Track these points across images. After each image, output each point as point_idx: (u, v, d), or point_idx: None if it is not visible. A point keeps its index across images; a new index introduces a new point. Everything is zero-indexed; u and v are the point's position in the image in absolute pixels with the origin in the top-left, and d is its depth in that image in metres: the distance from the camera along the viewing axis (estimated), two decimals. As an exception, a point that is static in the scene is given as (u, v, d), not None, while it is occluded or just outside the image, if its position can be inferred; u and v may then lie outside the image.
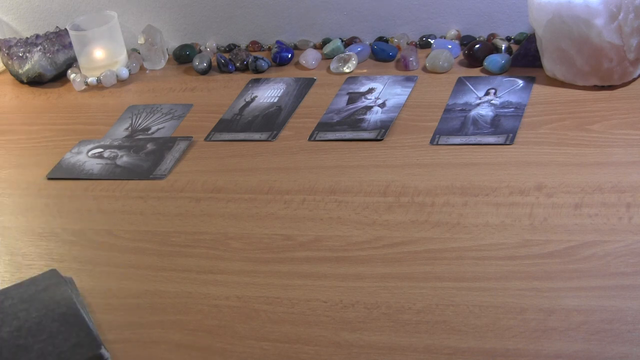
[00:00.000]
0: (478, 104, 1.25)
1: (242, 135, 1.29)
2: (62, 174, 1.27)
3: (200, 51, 1.56)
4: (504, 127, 1.19)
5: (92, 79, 1.51)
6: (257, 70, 1.47)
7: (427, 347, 0.85)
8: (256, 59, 1.47)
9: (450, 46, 1.40)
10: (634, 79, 1.24)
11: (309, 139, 1.25)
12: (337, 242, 1.03)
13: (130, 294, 1.00)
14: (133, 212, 1.15)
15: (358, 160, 1.18)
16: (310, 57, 1.46)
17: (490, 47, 1.37)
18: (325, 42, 1.51)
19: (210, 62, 1.51)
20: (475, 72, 1.35)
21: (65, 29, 1.54)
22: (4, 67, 1.61)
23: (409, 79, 1.36)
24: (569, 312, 0.86)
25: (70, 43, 1.53)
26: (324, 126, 1.27)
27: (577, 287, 0.89)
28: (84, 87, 1.51)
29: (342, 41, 1.49)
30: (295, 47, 1.53)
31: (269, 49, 1.54)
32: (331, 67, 1.43)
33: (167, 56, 1.56)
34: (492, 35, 1.43)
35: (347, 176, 1.14)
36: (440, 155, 1.15)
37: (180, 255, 1.05)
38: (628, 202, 1.00)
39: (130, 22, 1.60)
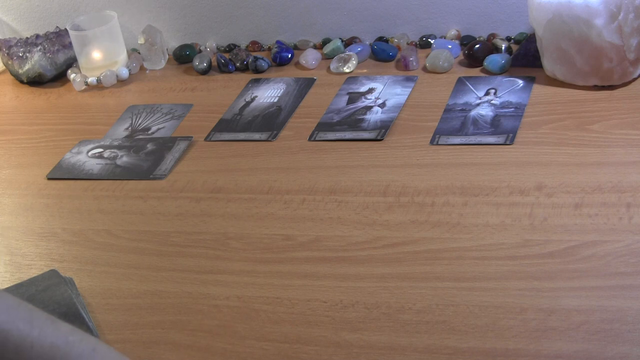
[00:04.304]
0: (478, 104, 1.25)
1: (242, 135, 1.29)
2: (62, 174, 1.27)
3: (200, 51, 1.56)
4: (504, 127, 1.18)
5: (92, 79, 1.50)
6: (257, 70, 1.47)
7: (427, 347, 0.85)
8: (256, 59, 1.47)
9: (450, 46, 1.40)
10: (634, 79, 1.24)
11: (309, 139, 1.25)
12: (337, 242, 1.03)
13: (130, 294, 1.00)
14: (133, 212, 1.15)
15: (358, 160, 1.18)
16: (310, 57, 1.46)
17: (490, 47, 1.37)
18: (325, 42, 1.51)
19: (210, 62, 1.51)
20: (475, 72, 1.35)
21: (65, 29, 1.54)
22: (4, 67, 1.61)
23: (409, 79, 1.36)
24: (569, 312, 0.86)
25: (70, 43, 1.53)
26: (324, 126, 1.27)
27: (577, 287, 0.89)
28: (84, 87, 1.51)
29: (342, 41, 1.49)
30: (295, 47, 1.52)
31: (269, 49, 1.53)
32: (331, 67, 1.43)
33: (167, 56, 1.56)
34: (492, 35, 1.43)
35: (347, 176, 1.14)
36: (440, 155, 1.15)
37: (180, 255, 1.05)
38: (628, 202, 1.00)
39: (130, 22, 1.60)
